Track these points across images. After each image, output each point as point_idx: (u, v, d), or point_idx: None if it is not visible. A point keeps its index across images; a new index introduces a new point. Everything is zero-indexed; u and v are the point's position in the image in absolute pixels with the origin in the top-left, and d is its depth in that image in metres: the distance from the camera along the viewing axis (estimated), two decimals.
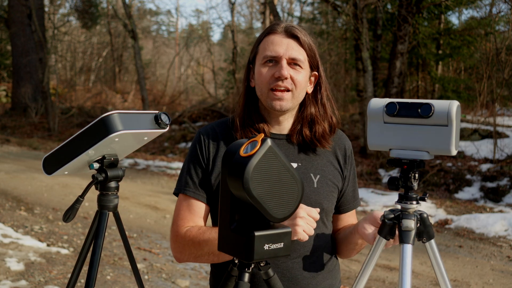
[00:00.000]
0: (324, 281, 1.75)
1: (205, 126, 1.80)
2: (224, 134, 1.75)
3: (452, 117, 1.62)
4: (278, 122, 1.73)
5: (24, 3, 18.55)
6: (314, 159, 1.74)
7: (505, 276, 5.08)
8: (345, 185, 1.81)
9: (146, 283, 4.55)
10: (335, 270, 1.81)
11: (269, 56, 1.65)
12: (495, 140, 10.32)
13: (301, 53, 1.66)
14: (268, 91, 1.65)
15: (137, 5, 31.66)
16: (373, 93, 11.87)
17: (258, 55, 1.70)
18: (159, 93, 23.80)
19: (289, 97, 1.65)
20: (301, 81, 1.66)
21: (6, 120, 19.06)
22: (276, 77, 1.63)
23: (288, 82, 1.64)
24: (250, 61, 1.74)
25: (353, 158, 1.86)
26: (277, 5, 19.30)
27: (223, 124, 1.78)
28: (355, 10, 11.51)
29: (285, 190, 1.36)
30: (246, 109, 1.72)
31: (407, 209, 1.78)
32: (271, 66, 1.65)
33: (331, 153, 1.78)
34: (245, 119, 1.71)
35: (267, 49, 1.66)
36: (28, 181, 9.08)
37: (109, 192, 1.67)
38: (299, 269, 1.69)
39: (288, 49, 1.65)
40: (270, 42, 1.67)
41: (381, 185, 9.80)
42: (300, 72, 1.66)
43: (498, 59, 10.83)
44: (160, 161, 12.67)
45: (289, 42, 1.66)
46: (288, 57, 1.65)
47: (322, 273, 1.75)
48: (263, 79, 1.66)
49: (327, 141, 1.74)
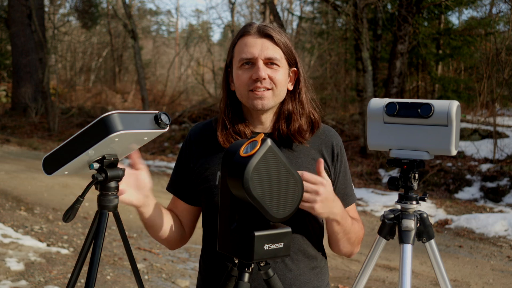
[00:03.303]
0: (309, 282, 1.71)
1: (196, 125, 1.83)
2: (208, 134, 1.76)
3: (452, 117, 1.62)
4: (261, 122, 1.72)
5: (24, 3, 18.54)
6: (297, 157, 1.71)
7: (505, 276, 5.08)
8: (336, 182, 1.75)
9: (146, 283, 4.55)
10: (322, 273, 1.77)
11: (244, 58, 1.64)
12: (495, 140, 10.32)
13: (277, 52, 1.65)
14: (248, 92, 1.65)
15: (137, 5, 31.68)
16: (373, 93, 11.87)
17: (234, 59, 1.69)
18: (159, 93, 23.78)
19: (269, 95, 1.64)
20: (280, 79, 1.65)
21: (6, 120, 19.06)
22: (254, 79, 1.62)
23: (267, 82, 1.63)
24: (228, 65, 1.74)
25: (344, 154, 1.78)
26: (277, 5, 19.30)
27: (209, 124, 1.79)
28: (355, 10, 11.51)
29: (285, 190, 1.36)
30: (226, 112, 1.71)
31: (407, 209, 1.78)
32: (248, 68, 1.64)
33: (316, 150, 1.73)
34: (227, 122, 1.70)
35: (242, 51, 1.65)
36: (28, 181, 9.08)
37: (109, 192, 1.67)
38: (282, 269, 1.66)
39: (263, 49, 1.63)
40: (244, 44, 1.65)
41: (381, 185, 9.80)
42: (278, 70, 1.65)
43: (498, 59, 10.83)
44: (160, 161, 12.67)
45: (263, 42, 1.64)
46: (264, 57, 1.63)
47: (307, 275, 1.71)
48: (242, 82, 1.65)
49: (302, 137, 1.70)
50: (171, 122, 2.53)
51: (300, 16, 21.51)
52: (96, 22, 23.46)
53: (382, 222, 1.86)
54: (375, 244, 1.85)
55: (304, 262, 1.71)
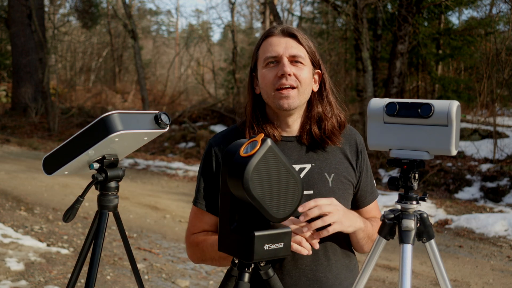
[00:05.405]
0: (346, 280, 1.76)
1: (215, 136, 1.81)
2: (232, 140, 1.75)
3: (452, 117, 1.62)
4: (288, 125, 1.73)
5: (24, 3, 18.55)
6: (326, 158, 1.74)
7: (505, 276, 5.08)
8: (360, 179, 1.80)
9: (146, 283, 4.55)
10: (355, 269, 1.83)
11: (269, 57, 1.66)
12: (495, 140, 10.32)
13: (301, 50, 1.68)
14: (274, 91, 1.66)
15: (137, 5, 31.67)
16: (373, 93, 11.86)
17: (259, 60, 1.71)
18: (159, 93, 23.78)
19: (295, 94, 1.66)
20: (305, 78, 1.67)
21: (6, 120, 19.05)
22: (279, 75, 1.64)
23: (292, 79, 1.64)
24: (252, 69, 1.76)
25: (365, 151, 1.83)
26: (277, 5, 19.30)
27: (233, 131, 1.79)
28: (355, 10, 11.51)
29: (285, 190, 1.36)
30: (254, 116, 1.73)
31: (407, 209, 1.78)
32: (273, 67, 1.66)
33: (342, 149, 1.78)
34: (255, 126, 1.71)
35: (266, 51, 1.68)
36: (28, 181, 9.08)
37: (109, 192, 1.67)
38: (323, 271, 1.70)
39: (287, 47, 1.66)
40: (269, 44, 1.68)
41: (381, 185, 9.79)
42: (303, 68, 1.67)
43: (498, 59, 10.83)
44: (160, 161, 12.67)
45: (287, 41, 1.67)
46: (289, 55, 1.65)
47: (344, 273, 1.76)
48: (267, 80, 1.66)
49: (337, 137, 1.74)
50: (171, 122, 2.53)
51: (300, 16, 21.50)
52: (96, 22, 23.44)
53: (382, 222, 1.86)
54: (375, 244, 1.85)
55: (341, 261, 1.76)
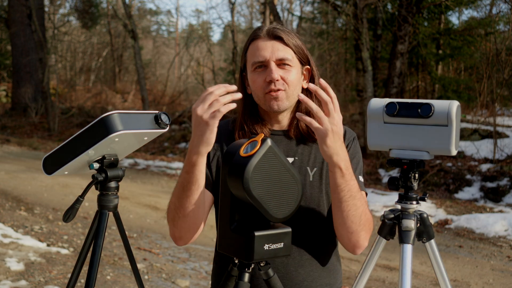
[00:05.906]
0: (321, 279, 1.73)
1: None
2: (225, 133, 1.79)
3: (452, 117, 1.62)
4: (278, 121, 1.77)
5: (24, 3, 18.54)
6: (312, 153, 1.75)
7: (505, 276, 5.08)
8: None
9: (146, 283, 4.55)
10: (334, 270, 1.78)
11: (257, 62, 1.68)
12: (495, 140, 10.32)
13: (288, 52, 1.68)
14: (263, 95, 1.69)
15: (137, 5, 31.66)
16: (373, 93, 11.86)
17: (248, 63, 1.73)
18: (159, 93, 23.78)
19: (283, 96, 1.68)
20: (292, 80, 1.68)
21: (6, 120, 19.05)
22: (268, 81, 1.66)
23: (280, 84, 1.66)
24: (242, 69, 1.79)
25: (356, 147, 1.78)
26: (277, 5, 19.29)
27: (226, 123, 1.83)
28: (355, 10, 11.51)
29: (285, 190, 1.36)
30: (245, 114, 1.76)
31: (407, 209, 1.78)
32: (261, 71, 1.68)
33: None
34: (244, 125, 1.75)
35: (254, 55, 1.69)
36: (28, 181, 9.08)
37: (109, 192, 1.67)
38: (294, 265, 1.68)
39: (273, 51, 1.67)
40: (255, 48, 1.69)
41: (381, 185, 9.79)
42: (290, 71, 1.68)
43: (498, 59, 10.83)
44: (160, 161, 12.66)
45: (273, 44, 1.68)
46: (276, 59, 1.67)
47: (319, 271, 1.72)
48: (257, 85, 1.69)
49: None
50: (171, 122, 2.53)
51: (300, 16, 21.52)
52: (96, 22, 23.44)
53: (382, 222, 1.86)
54: (375, 244, 1.85)
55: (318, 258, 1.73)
